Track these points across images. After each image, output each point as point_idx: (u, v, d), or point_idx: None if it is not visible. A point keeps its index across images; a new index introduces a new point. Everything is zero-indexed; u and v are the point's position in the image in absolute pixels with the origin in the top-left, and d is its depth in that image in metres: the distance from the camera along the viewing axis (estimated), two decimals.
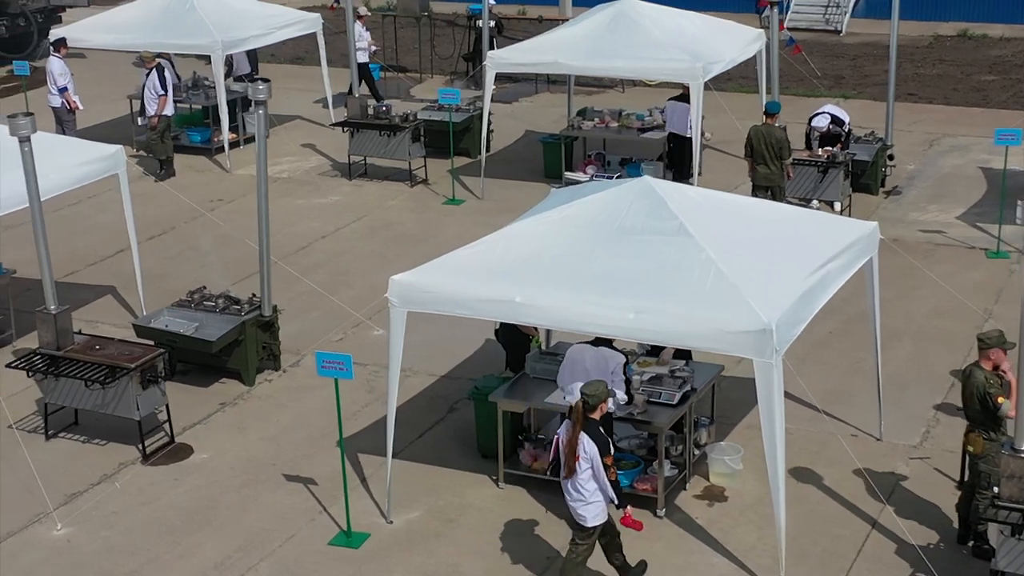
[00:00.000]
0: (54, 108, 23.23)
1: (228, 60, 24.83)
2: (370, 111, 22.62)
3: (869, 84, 28.46)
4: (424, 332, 14.54)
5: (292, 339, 16.14)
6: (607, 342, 12.17)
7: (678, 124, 21.14)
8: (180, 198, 20.12)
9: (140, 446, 13.86)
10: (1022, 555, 10.42)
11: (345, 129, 22.59)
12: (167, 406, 14.12)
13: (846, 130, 20.79)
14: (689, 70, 19.99)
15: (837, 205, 20.03)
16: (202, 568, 12.00)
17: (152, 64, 22.60)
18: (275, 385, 15.43)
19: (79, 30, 24.63)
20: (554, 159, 22.37)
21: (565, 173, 21.90)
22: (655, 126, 22.04)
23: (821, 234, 12.70)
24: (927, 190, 21.65)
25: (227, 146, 23.43)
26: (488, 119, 22.09)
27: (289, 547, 12.26)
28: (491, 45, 24.04)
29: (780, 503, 11.18)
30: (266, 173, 14.99)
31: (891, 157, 21.68)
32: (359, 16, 26.69)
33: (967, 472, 12.12)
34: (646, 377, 12.83)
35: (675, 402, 12.60)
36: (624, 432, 13.02)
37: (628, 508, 10.84)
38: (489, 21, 24.52)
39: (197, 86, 24.84)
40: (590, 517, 10.81)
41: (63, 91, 23.13)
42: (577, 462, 10.66)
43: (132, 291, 17.35)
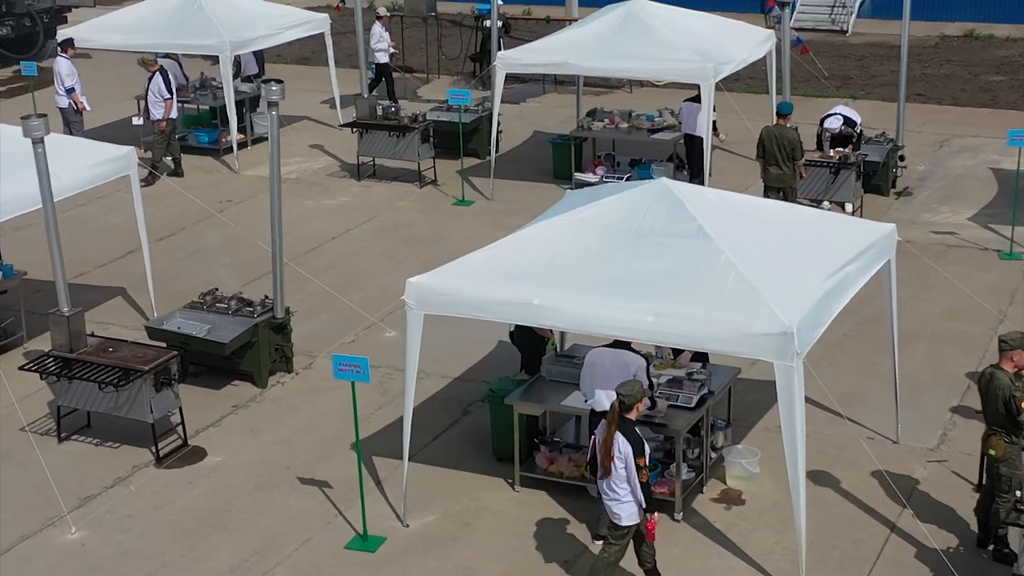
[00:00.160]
0: (61, 109, 23.13)
1: (236, 61, 24.75)
2: (379, 112, 22.54)
3: (877, 84, 28.39)
4: (436, 334, 14.46)
5: (304, 341, 16.07)
6: (625, 344, 12.10)
7: (694, 125, 21.08)
8: (189, 199, 20.03)
9: (153, 449, 13.81)
10: None
11: (354, 130, 22.52)
12: (180, 408, 14.07)
13: (858, 131, 20.73)
14: (700, 71, 19.93)
15: (849, 206, 19.95)
16: (218, 572, 11.94)
17: (155, 68, 22.49)
18: (287, 387, 15.37)
19: (86, 30, 24.49)
20: (563, 160, 22.29)
21: (575, 174, 21.82)
22: (665, 127, 21.97)
23: (839, 236, 12.64)
24: (938, 191, 21.58)
25: (235, 147, 23.35)
26: (497, 120, 22.02)
27: (305, 551, 12.20)
28: (498, 46, 23.96)
29: (800, 507, 11.11)
30: (279, 174, 14.92)
31: (902, 158, 21.60)
32: (379, 16, 26.63)
33: (985, 475, 12.03)
34: (663, 380, 12.80)
35: (693, 405, 12.55)
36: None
37: (655, 515, 10.80)
38: (497, 21, 24.44)
39: (204, 87, 24.75)
40: (624, 516, 10.81)
41: (70, 92, 23.05)
42: (612, 462, 10.68)
43: (142, 292, 17.29)
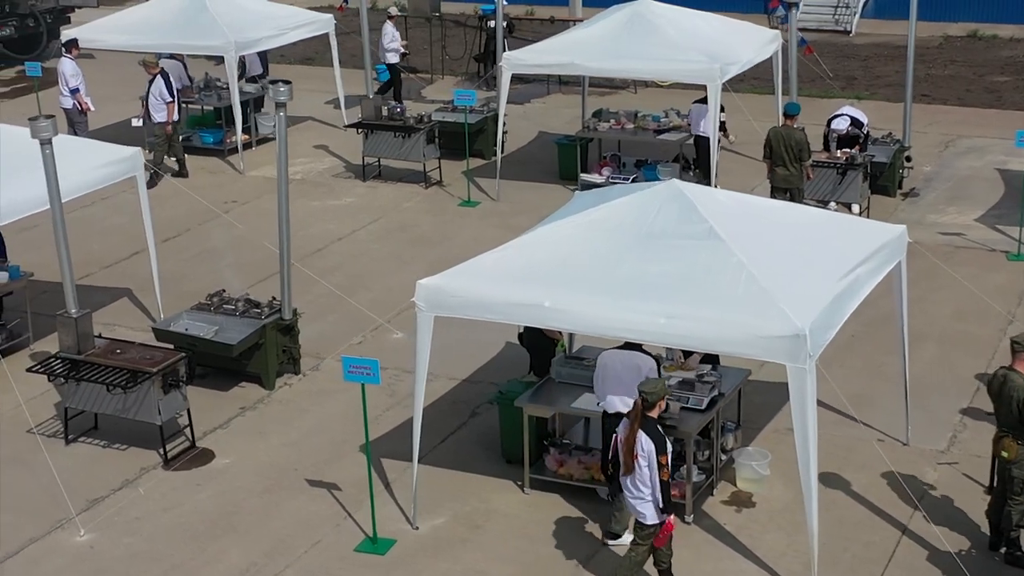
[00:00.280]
0: (66, 110, 23.07)
1: (241, 61, 24.71)
2: (384, 112, 22.50)
3: (881, 85, 28.33)
4: (444, 336, 14.40)
5: (311, 342, 16.03)
6: (636, 346, 12.06)
7: (704, 127, 21.04)
8: (194, 199, 19.99)
9: (161, 451, 13.77)
10: None
11: (359, 130, 22.48)
12: (188, 410, 14.03)
13: (865, 132, 20.68)
14: (706, 71, 19.88)
15: (856, 207, 19.90)
16: (228, 575, 11.89)
17: (155, 71, 22.42)
18: (295, 389, 15.33)
19: (90, 31, 24.44)
20: (569, 160, 22.24)
21: (581, 175, 21.78)
22: (671, 128, 21.93)
23: (850, 238, 12.61)
24: (945, 192, 21.53)
25: (240, 147, 23.30)
26: (503, 120, 21.98)
27: (315, 553, 12.16)
28: (503, 46, 23.92)
29: (812, 509, 11.07)
30: (287, 175, 14.88)
31: (908, 159, 21.56)
32: (390, 16, 26.59)
33: (997, 478, 11.99)
34: (674, 382, 12.75)
35: (703, 407, 12.51)
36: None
37: (672, 517, 10.79)
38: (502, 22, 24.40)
39: (209, 87, 24.72)
40: (649, 515, 10.81)
41: (75, 92, 22.99)
42: (635, 460, 10.67)
43: (148, 294, 17.25)
